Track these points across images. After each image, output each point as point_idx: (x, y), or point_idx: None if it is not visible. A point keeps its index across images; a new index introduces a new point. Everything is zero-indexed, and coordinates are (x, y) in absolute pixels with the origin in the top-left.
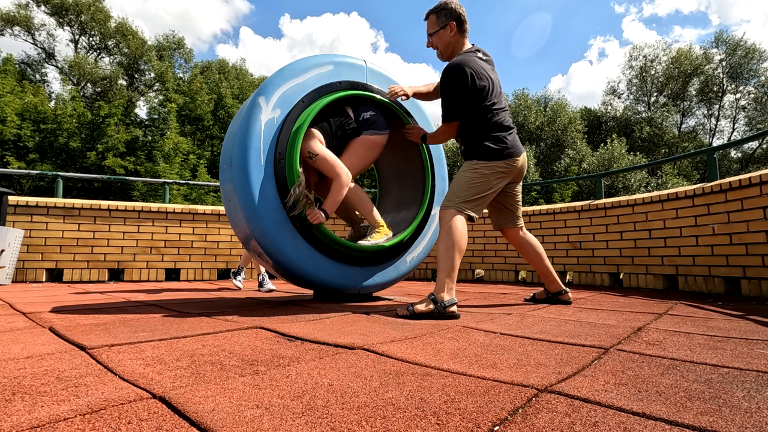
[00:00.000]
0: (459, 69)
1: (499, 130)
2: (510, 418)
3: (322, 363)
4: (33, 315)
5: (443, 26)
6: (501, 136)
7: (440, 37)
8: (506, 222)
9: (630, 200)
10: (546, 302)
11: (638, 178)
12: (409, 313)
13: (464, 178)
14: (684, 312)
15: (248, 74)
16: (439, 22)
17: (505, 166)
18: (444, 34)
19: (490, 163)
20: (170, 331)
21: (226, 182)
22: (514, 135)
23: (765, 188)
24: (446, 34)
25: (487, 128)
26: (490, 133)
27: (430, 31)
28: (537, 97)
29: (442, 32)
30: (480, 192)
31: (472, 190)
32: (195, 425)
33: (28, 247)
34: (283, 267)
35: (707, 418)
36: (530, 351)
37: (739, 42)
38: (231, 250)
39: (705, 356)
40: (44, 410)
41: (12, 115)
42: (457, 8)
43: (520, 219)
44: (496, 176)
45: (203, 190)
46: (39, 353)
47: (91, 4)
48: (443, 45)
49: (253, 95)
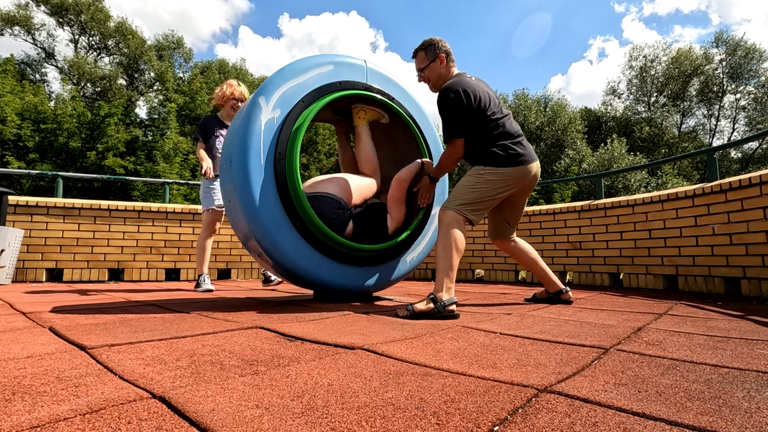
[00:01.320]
0: (452, 88)
1: (506, 138)
2: (510, 418)
3: (322, 363)
4: (33, 315)
5: (433, 59)
6: (509, 144)
7: (432, 69)
8: (503, 234)
9: (630, 200)
10: (547, 302)
11: (638, 179)
12: (408, 313)
13: (467, 182)
14: (684, 312)
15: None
16: (429, 56)
17: (514, 174)
18: (435, 66)
19: (497, 169)
20: (170, 331)
21: (226, 182)
22: (524, 142)
23: (765, 188)
24: (437, 66)
25: (492, 138)
26: (497, 142)
27: (420, 66)
28: (537, 97)
29: (433, 65)
30: (481, 197)
31: (473, 195)
32: (195, 425)
33: (28, 246)
34: (283, 267)
35: (707, 419)
36: (530, 351)
37: (739, 42)
38: (231, 250)
39: (705, 356)
40: (44, 410)
41: (12, 114)
42: (443, 43)
43: (512, 230)
44: (501, 183)
45: None
46: (39, 353)
47: (91, 4)
48: (435, 77)
49: (253, 95)
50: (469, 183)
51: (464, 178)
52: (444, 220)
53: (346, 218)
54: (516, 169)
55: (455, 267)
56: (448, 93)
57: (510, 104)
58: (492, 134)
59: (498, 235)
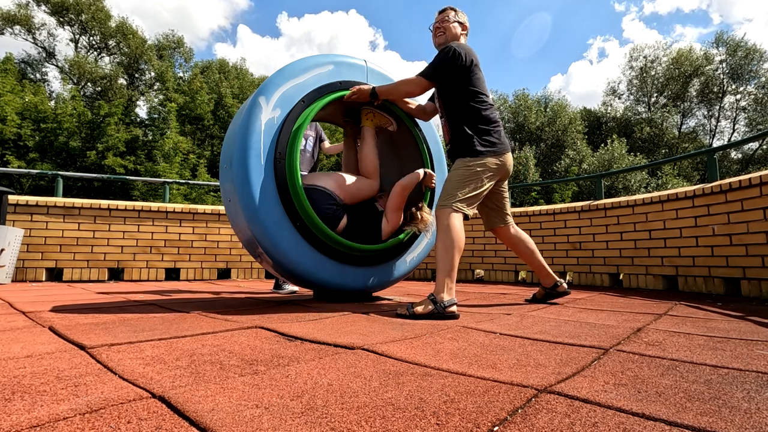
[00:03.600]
0: (458, 45)
1: (488, 123)
2: (509, 418)
3: (321, 363)
4: (33, 314)
5: (458, 22)
6: (490, 131)
7: (453, 28)
8: (497, 221)
9: (630, 201)
10: (545, 301)
11: (638, 179)
12: (408, 313)
13: (457, 176)
14: (684, 313)
15: (248, 74)
16: (457, 18)
17: (496, 163)
18: (456, 27)
19: (482, 159)
20: (170, 331)
21: (226, 182)
22: (502, 131)
23: (765, 189)
24: (458, 28)
25: (476, 120)
26: (479, 126)
27: (444, 18)
28: (537, 97)
29: (455, 25)
30: (474, 189)
31: (466, 188)
32: (194, 425)
33: (27, 246)
34: (283, 267)
35: (707, 419)
36: (530, 351)
37: (740, 43)
38: (231, 250)
39: (705, 357)
40: (44, 409)
41: (12, 114)
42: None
43: (509, 215)
44: (487, 173)
45: (203, 190)
46: (39, 352)
47: (92, 4)
48: (450, 34)
49: (253, 95)
50: (459, 176)
51: (452, 173)
52: (442, 219)
53: (339, 214)
54: (497, 158)
55: (456, 266)
56: (452, 47)
57: (510, 104)
58: (479, 115)
59: (494, 224)
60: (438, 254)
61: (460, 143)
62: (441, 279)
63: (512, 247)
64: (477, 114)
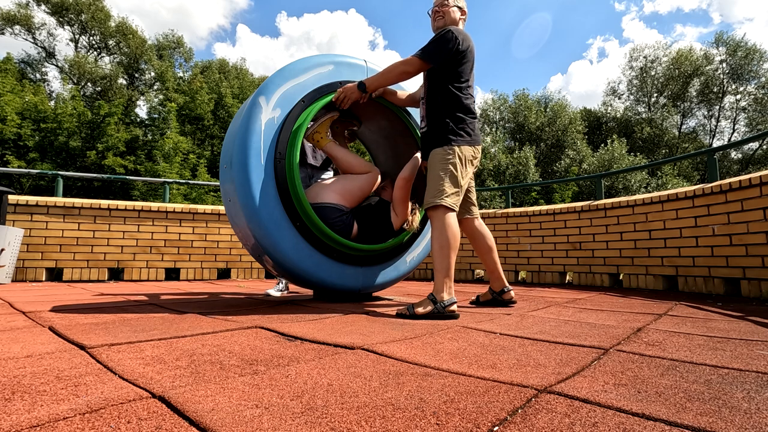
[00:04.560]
0: (456, 30)
1: (465, 113)
2: (509, 418)
3: (321, 363)
4: (33, 314)
5: (457, 6)
6: (466, 120)
7: (453, 12)
8: (462, 212)
9: (630, 201)
10: (491, 304)
11: (638, 179)
12: (408, 313)
13: (439, 171)
14: (684, 313)
15: (248, 74)
16: (457, 2)
17: (473, 153)
18: (456, 12)
19: (460, 149)
20: (170, 331)
21: (226, 182)
22: (477, 124)
23: (765, 189)
24: (457, 13)
25: (454, 107)
26: (457, 113)
27: (444, 2)
28: (537, 97)
29: (455, 10)
30: (457, 181)
31: (450, 182)
32: (194, 425)
33: (28, 246)
34: (283, 267)
35: (707, 419)
36: (530, 351)
37: (740, 43)
38: (231, 250)
39: (705, 357)
40: (44, 409)
41: (12, 114)
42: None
43: (475, 207)
44: (465, 164)
45: (203, 190)
46: (38, 352)
47: (92, 4)
48: (449, 19)
49: (253, 95)
50: (441, 170)
51: (434, 167)
52: (436, 218)
53: (349, 222)
54: (474, 148)
55: (453, 265)
56: (450, 30)
57: (510, 104)
58: (461, 104)
59: (458, 215)
60: (434, 254)
61: (436, 129)
62: (439, 279)
63: (472, 241)
64: (457, 101)
